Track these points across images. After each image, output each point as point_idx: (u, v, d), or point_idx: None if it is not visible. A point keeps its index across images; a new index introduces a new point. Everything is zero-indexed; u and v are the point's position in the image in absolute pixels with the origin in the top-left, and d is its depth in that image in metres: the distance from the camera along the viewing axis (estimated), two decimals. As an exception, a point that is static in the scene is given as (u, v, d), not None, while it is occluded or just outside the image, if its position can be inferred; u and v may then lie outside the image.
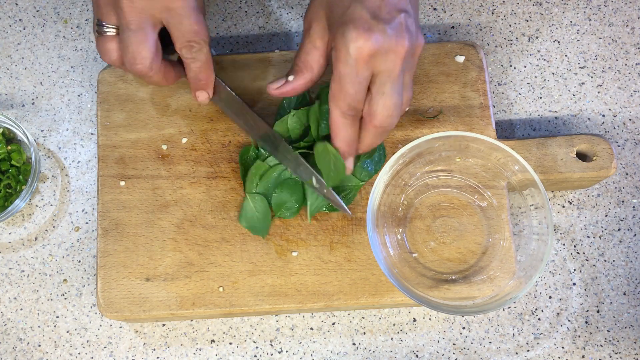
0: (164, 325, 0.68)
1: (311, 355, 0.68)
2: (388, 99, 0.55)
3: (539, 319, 0.68)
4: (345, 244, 0.65)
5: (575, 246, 0.70)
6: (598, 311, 0.69)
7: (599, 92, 0.75)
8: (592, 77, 0.75)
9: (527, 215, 0.65)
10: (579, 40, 0.76)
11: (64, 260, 0.70)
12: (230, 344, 0.68)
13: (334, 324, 0.68)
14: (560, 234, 0.71)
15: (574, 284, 0.69)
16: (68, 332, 0.68)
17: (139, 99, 0.69)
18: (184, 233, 0.66)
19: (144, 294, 0.64)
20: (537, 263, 0.61)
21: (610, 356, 0.67)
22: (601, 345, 0.68)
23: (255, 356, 0.68)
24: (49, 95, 0.75)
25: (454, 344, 0.68)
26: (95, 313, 0.69)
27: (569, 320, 0.68)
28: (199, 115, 0.69)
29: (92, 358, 0.68)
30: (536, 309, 0.69)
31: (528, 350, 0.68)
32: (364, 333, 0.68)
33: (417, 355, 0.67)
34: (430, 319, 0.68)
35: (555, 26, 0.77)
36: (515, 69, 0.75)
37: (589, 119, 0.74)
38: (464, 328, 0.68)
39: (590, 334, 0.68)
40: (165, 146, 0.68)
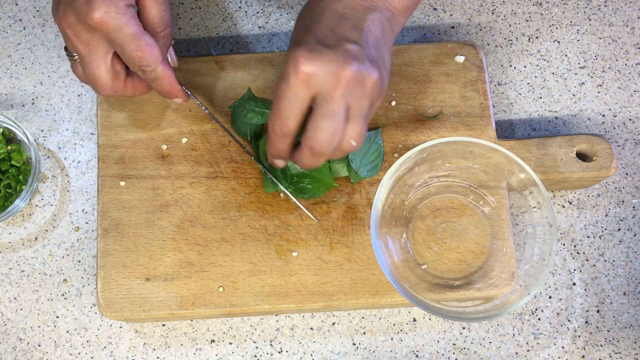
0: (164, 325, 0.68)
1: (311, 355, 0.68)
2: (319, 121, 0.54)
3: (539, 319, 0.68)
4: (345, 244, 0.65)
5: (575, 246, 0.70)
6: (598, 311, 0.69)
7: (599, 92, 0.75)
8: (592, 77, 0.75)
9: (530, 218, 0.65)
10: (579, 40, 0.76)
11: (64, 260, 0.70)
12: (230, 344, 0.68)
13: (334, 324, 0.68)
14: (561, 234, 0.71)
15: (574, 284, 0.69)
16: (68, 332, 0.68)
17: (139, 99, 0.69)
18: (184, 233, 0.66)
19: (144, 294, 0.64)
20: (541, 268, 0.61)
21: (610, 356, 0.67)
22: (601, 345, 0.68)
23: (255, 356, 0.68)
24: (49, 95, 0.75)
25: (454, 344, 0.68)
26: (95, 313, 0.69)
27: (569, 320, 0.68)
28: (198, 116, 0.69)
29: (92, 358, 0.68)
30: (536, 309, 0.69)
31: (528, 350, 0.68)
32: (364, 333, 0.68)
33: (417, 355, 0.67)
34: (430, 319, 0.68)
35: (555, 26, 0.77)
36: (515, 69, 0.75)
37: (589, 119, 0.74)
38: (464, 328, 0.68)
39: (590, 334, 0.68)
40: (165, 146, 0.68)
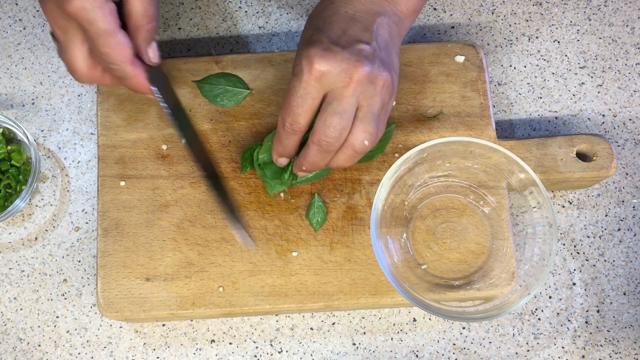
0: (164, 325, 0.68)
1: (311, 355, 0.68)
2: (329, 117, 0.55)
3: (539, 319, 0.68)
4: (345, 244, 0.65)
5: (575, 246, 0.70)
6: (598, 311, 0.69)
7: (599, 92, 0.75)
8: (592, 77, 0.75)
9: (530, 218, 0.65)
10: (579, 40, 0.76)
11: (64, 260, 0.70)
12: (230, 344, 0.68)
13: (334, 324, 0.68)
14: (561, 234, 0.71)
15: (574, 284, 0.69)
16: (68, 332, 0.68)
17: (139, 99, 0.69)
18: (184, 233, 0.66)
19: (144, 294, 0.64)
20: (541, 268, 0.61)
21: (610, 356, 0.67)
22: (601, 345, 0.68)
23: (255, 356, 0.68)
24: (49, 95, 0.75)
25: (454, 344, 0.68)
26: (95, 313, 0.69)
27: (569, 320, 0.68)
28: (199, 115, 0.69)
29: (92, 358, 0.68)
30: (536, 309, 0.69)
31: (528, 351, 0.68)
32: (364, 333, 0.68)
33: (417, 355, 0.67)
34: (430, 319, 0.68)
35: (555, 26, 0.77)
36: (515, 69, 0.75)
37: (589, 119, 0.74)
38: (464, 328, 0.68)
39: (590, 334, 0.68)
40: (165, 146, 0.68)
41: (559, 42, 0.76)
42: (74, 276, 0.70)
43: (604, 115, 0.74)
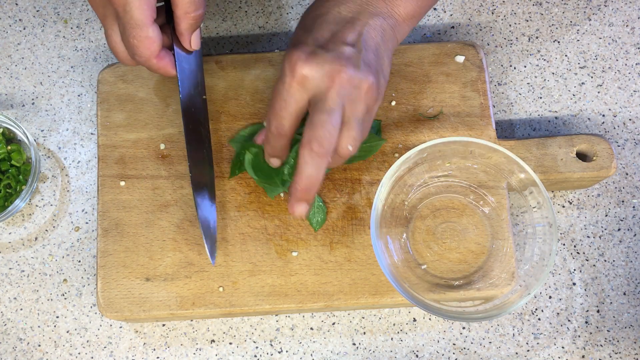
0: (164, 325, 0.68)
1: (311, 355, 0.68)
2: (316, 117, 0.54)
3: (539, 319, 0.68)
4: (345, 244, 0.65)
5: (575, 246, 0.70)
6: (598, 311, 0.69)
7: (599, 92, 0.75)
8: (592, 77, 0.75)
9: (530, 218, 0.65)
10: (579, 40, 0.76)
11: (64, 260, 0.70)
12: (230, 344, 0.68)
13: (334, 324, 0.68)
14: (561, 234, 0.71)
15: (574, 284, 0.69)
16: (68, 332, 0.68)
17: (139, 99, 0.69)
18: (184, 233, 0.66)
19: (144, 294, 0.64)
20: (541, 268, 0.61)
21: (610, 356, 0.67)
22: (601, 345, 0.68)
23: (255, 356, 0.68)
24: (49, 95, 0.75)
25: (454, 344, 0.68)
26: (95, 313, 0.69)
27: (569, 320, 0.68)
28: (199, 115, 0.69)
29: (92, 358, 0.68)
30: (536, 309, 0.69)
31: (528, 351, 0.68)
32: (364, 333, 0.68)
33: (417, 355, 0.67)
34: (430, 319, 0.68)
35: (555, 26, 0.77)
36: (515, 69, 0.75)
37: (589, 119, 0.74)
38: (464, 328, 0.68)
39: (590, 334, 0.68)
40: (165, 146, 0.68)
41: (559, 42, 0.76)
42: (74, 276, 0.70)
43: (604, 115, 0.74)
